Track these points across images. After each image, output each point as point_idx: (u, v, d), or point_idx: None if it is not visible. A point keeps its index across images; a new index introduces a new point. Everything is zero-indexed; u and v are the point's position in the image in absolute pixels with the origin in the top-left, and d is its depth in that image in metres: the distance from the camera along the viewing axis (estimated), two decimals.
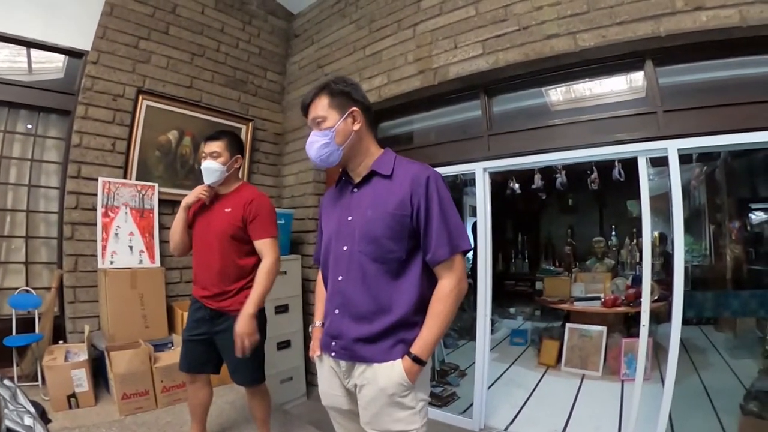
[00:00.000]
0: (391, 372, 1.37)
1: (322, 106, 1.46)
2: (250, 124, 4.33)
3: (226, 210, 2.21)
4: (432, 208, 1.40)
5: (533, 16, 2.80)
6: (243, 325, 2.00)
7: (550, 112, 3.12)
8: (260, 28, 4.51)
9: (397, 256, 1.41)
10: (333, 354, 1.49)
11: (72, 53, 3.45)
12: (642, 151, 2.57)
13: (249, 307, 2.04)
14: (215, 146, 2.21)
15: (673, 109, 2.49)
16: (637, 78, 2.73)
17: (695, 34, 2.32)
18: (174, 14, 3.84)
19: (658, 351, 3.11)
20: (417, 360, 1.36)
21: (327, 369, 1.55)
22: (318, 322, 1.64)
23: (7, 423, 1.57)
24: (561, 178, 3.44)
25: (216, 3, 4.12)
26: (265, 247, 2.18)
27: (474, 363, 3.22)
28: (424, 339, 1.38)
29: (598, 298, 4.08)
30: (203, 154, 2.25)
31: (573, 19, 2.64)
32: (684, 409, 2.60)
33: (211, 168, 2.19)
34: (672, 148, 2.42)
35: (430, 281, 1.44)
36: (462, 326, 4.48)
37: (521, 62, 2.85)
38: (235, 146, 2.28)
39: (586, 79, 2.92)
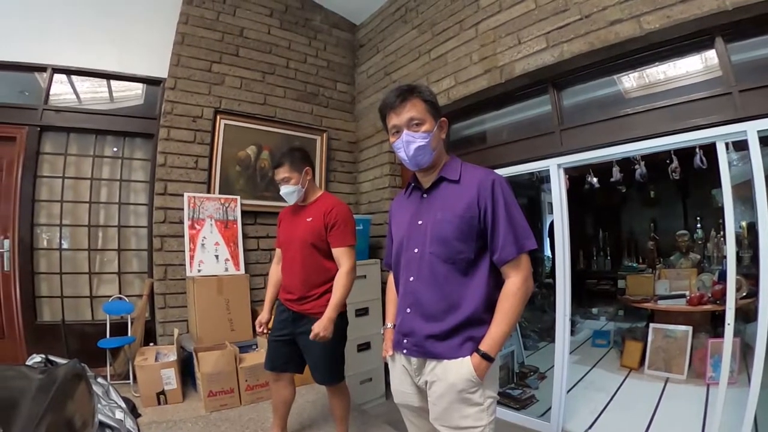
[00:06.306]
0: (461, 368, 1.40)
1: (419, 110, 1.50)
2: (324, 134, 4.49)
3: (308, 219, 2.35)
4: (498, 209, 1.44)
5: (594, 3, 2.70)
6: (321, 325, 2.14)
7: (620, 101, 2.96)
8: (326, 42, 4.67)
9: (466, 257, 1.45)
10: (405, 351, 1.53)
11: (149, 81, 3.79)
12: (719, 135, 2.37)
13: (330, 312, 2.18)
14: (282, 173, 2.35)
15: (749, 87, 2.29)
16: (709, 57, 2.54)
17: (762, 5, 2.13)
18: (242, 37, 4.08)
19: (747, 352, 2.85)
20: (485, 356, 1.39)
21: (399, 367, 1.60)
22: (389, 324, 1.70)
23: (100, 417, 1.71)
24: (640, 169, 3.27)
25: (281, 22, 4.33)
26: (342, 255, 2.29)
27: (554, 366, 3.11)
28: (492, 336, 1.40)
29: (683, 296, 3.81)
30: (278, 181, 2.40)
31: (635, 1, 2.52)
32: None
33: (288, 191, 2.36)
34: (751, 130, 2.22)
35: (496, 281, 1.47)
36: (542, 327, 4.36)
37: (587, 52, 2.75)
38: (300, 162, 2.38)
39: (656, 64, 2.75)
